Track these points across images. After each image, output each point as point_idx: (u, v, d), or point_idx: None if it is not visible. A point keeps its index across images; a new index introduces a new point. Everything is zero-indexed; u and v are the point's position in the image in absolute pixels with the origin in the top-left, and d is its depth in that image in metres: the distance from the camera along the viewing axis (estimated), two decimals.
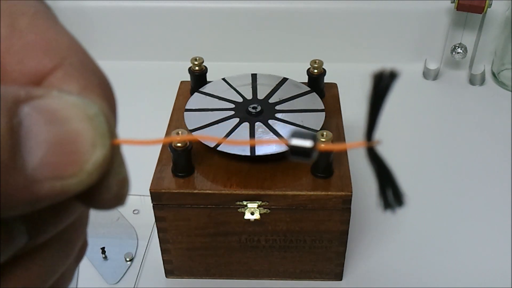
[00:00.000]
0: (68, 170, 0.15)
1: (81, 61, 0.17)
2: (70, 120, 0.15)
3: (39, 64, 0.16)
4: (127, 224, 0.67)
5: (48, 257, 0.18)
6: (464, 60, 0.90)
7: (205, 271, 0.60)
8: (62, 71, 0.16)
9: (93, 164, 0.15)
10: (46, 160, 0.15)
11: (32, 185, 0.14)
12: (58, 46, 0.17)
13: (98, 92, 0.17)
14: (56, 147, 0.15)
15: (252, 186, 0.53)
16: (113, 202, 0.17)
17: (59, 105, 0.15)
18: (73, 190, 0.15)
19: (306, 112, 0.59)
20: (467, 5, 0.81)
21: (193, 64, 0.63)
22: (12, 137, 0.14)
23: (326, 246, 0.57)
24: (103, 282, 0.61)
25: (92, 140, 0.15)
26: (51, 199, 0.15)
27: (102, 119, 0.16)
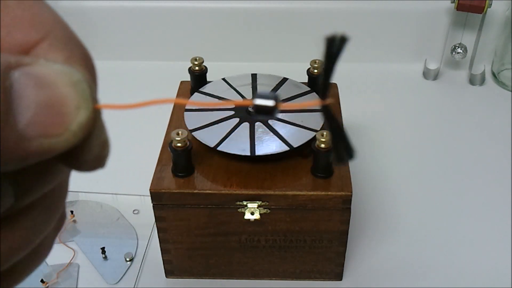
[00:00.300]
0: (55, 129, 0.16)
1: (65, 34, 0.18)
2: (56, 84, 0.16)
3: (26, 36, 0.18)
4: (127, 224, 0.67)
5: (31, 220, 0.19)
6: (464, 60, 0.90)
7: (205, 271, 0.60)
8: (48, 42, 0.18)
9: (77, 124, 0.17)
10: (35, 120, 0.16)
11: (22, 142, 0.16)
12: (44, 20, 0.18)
13: (80, 62, 0.18)
14: (44, 108, 0.16)
15: (252, 186, 0.53)
16: (94, 163, 0.18)
17: (46, 71, 0.16)
18: (59, 148, 0.17)
19: (306, 112, 0.59)
20: (467, 5, 0.81)
21: (193, 64, 0.63)
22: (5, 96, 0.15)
23: (326, 246, 0.57)
24: (103, 282, 0.61)
25: (76, 103, 0.17)
26: (39, 156, 0.16)
27: (85, 85, 0.17)
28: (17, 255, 0.19)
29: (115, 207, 0.69)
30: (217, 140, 0.55)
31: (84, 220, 0.67)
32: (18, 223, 0.19)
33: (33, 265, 0.21)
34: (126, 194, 0.70)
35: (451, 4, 0.84)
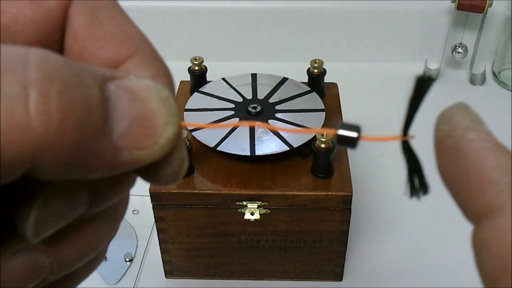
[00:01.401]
0: (145, 142, 0.17)
1: (151, 52, 0.19)
2: (148, 99, 0.17)
3: (117, 52, 0.18)
4: (126, 225, 0.67)
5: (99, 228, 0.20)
6: (465, 60, 0.90)
7: (205, 272, 0.60)
8: (136, 59, 0.19)
9: (165, 138, 0.17)
10: (128, 132, 0.16)
11: (115, 152, 0.16)
12: (133, 37, 0.19)
13: (165, 80, 0.19)
14: (137, 121, 0.17)
15: (252, 186, 0.53)
16: (172, 177, 0.19)
17: (138, 85, 0.17)
18: (146, 160, 0.17)
19: (306, 112, 0.59)
20: (468, 4, 0.81)
21: (193, 64, 0.63)
22: (103, 107, 0.16)
23: (326, 246, 0.57)
24: (102, 283, 0.60)
25: (165, 119, 0.17)
26: (128, 166, 0.17)
27: (172, 102, 0.18)
28: (83, 259, 0.20)
29: None
30: (217, 140, 0.54)
31: None
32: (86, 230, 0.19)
33: (89, 271, 0.22)
34: None
35: (452, 3, 0.84)
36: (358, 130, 0.19)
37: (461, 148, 0.18)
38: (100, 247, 0.20)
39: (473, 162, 0.17)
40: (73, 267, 0.20)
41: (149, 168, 0.18)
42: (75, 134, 0.15)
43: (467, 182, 0.17)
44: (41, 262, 0.18)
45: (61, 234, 0.19)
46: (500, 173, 0.17)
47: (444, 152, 0.19)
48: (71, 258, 0.19)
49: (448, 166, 0.18)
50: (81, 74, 0.15)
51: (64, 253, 0.19)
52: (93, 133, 0.15)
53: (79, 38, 0.18)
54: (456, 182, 0.18)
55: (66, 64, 0.15)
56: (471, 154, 0.17)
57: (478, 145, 0.18)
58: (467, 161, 0.17)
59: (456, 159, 0.18)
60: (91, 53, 0.18)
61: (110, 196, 0.19)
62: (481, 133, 0.18)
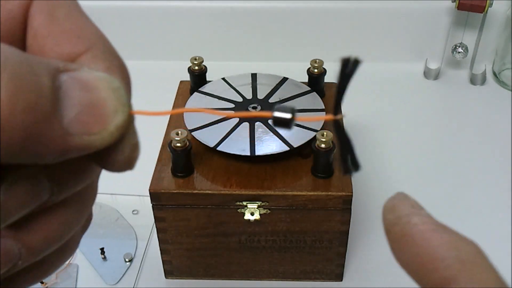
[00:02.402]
0: (95, 128, 0.18)
1: (106, 47, 0.21)
2: (98, 89, 0.18)
3: (73, 47, 0.20)
4: (126, 225, 0.67)
5: (65, 215, 0.21)
6: (465, 59, 0.89)
7: (205, 272, 0.60)
8: (91, 53, 0.20)
9: (114, 125, 0.18)
10: (78, 118, 0.18)
11: (65, 137, 0.18)
12: (89, 33, 0.20)
13: (118, 72, 0.20)
14: (87, 108, 0.18)
15: (252, 186, 0.53)
16: (124, 164, 0.20)
17: (90, 77, 0.18)
18: (96, 145, 0.18)
19: (306, 112, 0.59)
20: (468, 4, 0.81)
21: (193, 63, 0.63)
22: (53, 94, 0.17)
23: (327, 246, 0.57)
24: (102, 283, 0.60)
25: (115, 107, 0.18)
26: (78, 151, 0.18)
27: (123, 92, 0.19)
28: (50, 247, 0.21)
29: (114, 207, 0.69)
30: (216, 140, 0.54)
31: None
32: (52, 217, 0.21)
33: (61, 260, 0.23)
34: (125, 195, 0.70)
35: (452, 3, 0.83)
36: (292, 112, 0.20)
37: (408, 232, 0.20)
38: (68, 235, 0.22)
39: (421, 243, 0.19)
40: (41, 254, 0.21)
41: (102, 154, 0.19)
42: (24, 118, 0.16)
43: (419, 261, 0.19)
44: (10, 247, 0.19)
45: (27, 220, 0.20)
46: (445, 249, 0.19)
47: (394, 238, 0.20)
48: (39, 245, 0.20)
49: (400, 250, 0.20)
50: (33, 64, 0.17)
51: (32, 239, 0.20)
52: (43, 117, 0.17)
53: (39, 35, 0.20)
54: (410, 263, 0.20)
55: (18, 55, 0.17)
56: (417, 237, 0.20)
57: (421, 228, 0.20)
58: (415, 244, 0.20)
59: (405, 243, 0.20)
60: (50, 49, 0.20)
61: (72, 184, 0.21)
62: (422, 217, 0.20)
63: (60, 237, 0.21)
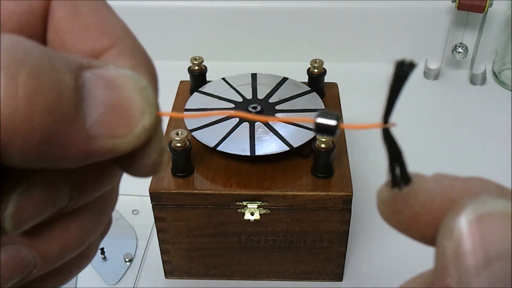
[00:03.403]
0: (120, 130, 0.17)
1: (132, 43, 0.19)
2: (124, 88, 0.17)
3: (97, 43, 0.19)
4: (126, 225, 0.67)
5: (84, 221, 0.20)
6: (465, 59, 0.89)
7: (205, 272, 0.60)
8: (117, 50, 0.19)
9: (141, 127, 0.17)
10: (102, 119, 0.16)
11: (88, 139, 0.16)
12: (114, 28, 0.19)
13: (145, 71, 0.19)
14: (112, 109, 0.17)
15: (252, 186, 0.53)
16: (150, 168, 0.18)
17: (116, 74, 0.17)
18: (122, 149, 0.17)
19: (306, 112, 0.59)
20: (468, 4, 0.81)
21: (193, 63, 0.63)
22: (76, 93, 0.16)
23: (327, 246, 0.57)
24: (102, 283, 0.60)
25: (142, 108, 0.17)
26: (102, 155, 0.17)
27: (150, 91, 0.18)
28: (68, 254, 0.20)
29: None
30: (217, 140, 0.54)
31: None
32: (70, 224, 0.19)
33: (79, 267, 0.22)
34: (125, 195, 0.70)
35: (452, 3, 0.83)
36: (337, 118, 0.19)
37: None
38: (86, 242, 0.20)
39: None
40: (58, 263, 0.19)
41: (127, 158, 0.18)
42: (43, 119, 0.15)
43: None
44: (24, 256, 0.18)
45: (44, 227, 0.19)
46: None
47: None
48: (56, 253, 0.19)
49: None
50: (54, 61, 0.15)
51: (48, 247, 0.19)
52: (64, 119, 0.15)
53: (61, 29, 0.19)
54: None
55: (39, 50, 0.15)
56: None
57: None
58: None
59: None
60: (72, 44, 0.19)
61: (93, 189, 0.19)
62: None
63: (78, 245, 0.20)
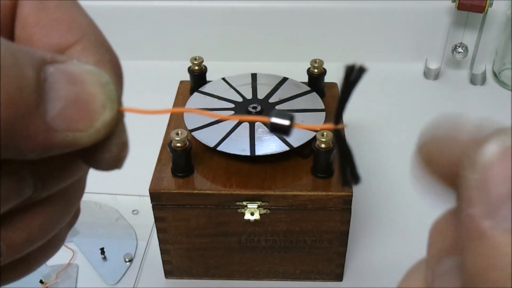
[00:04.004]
0: (80, 124, 0.17)
1: (97, 39, 0.20)
2: (86, 83, 0.17)
3: (63, 38, 0.19)
4: (126, 225, 0.67)
5: (49, 212, 0.20)
6: (465, 59, 0.89)
7: (205, 272, 0.60)
8: (81, 45, 0.19)
9: (102, 122, 0.17)
10: (63, 113, 0.17)
11: (49, 132, 0.17)
12: (79, 24, 0.19)
13: (109, 66, 0.19)
14: (73, 103, 0.17)
15: (252, 186, 0.53)
16: (112, 162, 0.19)
17: (78, 70, 0.17)
18: (82, 143, 0.17)
19: (306, 112, 0.59)
20: (468, 4, 0.81)
21: (193, 63, 0.63)
22: (37, 87, 0.16)
23: (327, 246, 0.57)
24: (102, 283, 0.60)
25: (103, 103, 0.17)
26: (62, 148, 0.17)
27: (112, 87, 0.18)
28: (33, 244, 0.20)
29: (114, 207, 0.68)
30: (217, 140, 0.54)
31: (83, 220, 0.66)
32: (35, 214, 0.20)
33: (45, 256, 0.22)
34: (125, 195, 0.70)
35: (452, 3, 0.83)
36: (291, 118, 0.19)
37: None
38: (51, 232, 0.21)
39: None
40: (23, 252, 0.20)
41: (88, 151, 0.18)
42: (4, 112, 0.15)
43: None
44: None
45: (9, 217, 0.19)
46: None
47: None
48: (21, 243, 0.19)
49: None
50: (16, 55, 0.16)
51: (13, 237, 0.19)
52: (25, 112, 0.16)
53: (27, 24, 0.19)
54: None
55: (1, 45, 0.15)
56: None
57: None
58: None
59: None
60: (38, 39, 0.19)
61: (57, 180, 0.20)
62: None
63: (43, 235, 0.20)
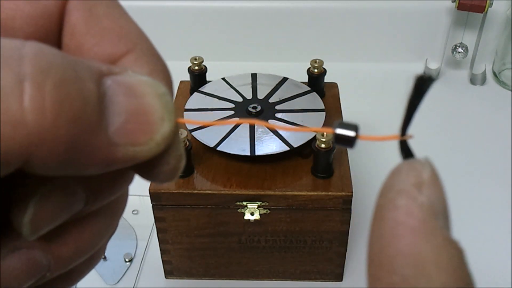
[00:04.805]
0: (141, 138, 0.17)
1: (149, 48, 0.19)
2: (144, 95, 0.17)
3: (114, 48, 0.18)
4: (126, 225, 0.67)
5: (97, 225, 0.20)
6: (465, 59, 0.89)
7: (205, 272, 0.60)
8: (134, 55, 0.18)
9: (161, 135, 0.17)
10: (124, 127, 0.16)
11: (110, 147, 0.16)
12: (130, 33, 0.19)
13: (162, 76, 0.19)
14: (133, 116, 0.16)
15: (252, 186, 0.53)
16: (169, 175, 0.18)
17: (136, 81, 0.17)
18: (142, 157, 0.17)
19: (306, 112, 0.59)
20: (468, 4, 0.81)
21: (193, 63, 0.63)
22: (99, 101, 0.16)
23: (327, 246, 0.57)
24: (102, 283, 0.60)
25: (161, 115, 0.17)
26: (123, 163, 0.17)
27: (169, 98, 0.17)
28: (81, 257, 0.20)
29: None
30: (217, 140, 0.54)
31: None
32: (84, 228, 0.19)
33: (88, 269, 0.22)
34: None
35: (452, 3, 0.83)
36: (356, 129, 0.19)
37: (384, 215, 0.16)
38: (98, 245, 0.20)
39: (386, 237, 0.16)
40: (71, 265, 0.19)
41: (146, 165, 0.18)
42: (69, 129, 0.15)
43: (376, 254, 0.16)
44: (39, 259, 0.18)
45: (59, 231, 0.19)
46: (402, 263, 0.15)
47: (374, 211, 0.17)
48: (69, 256, 0.19)
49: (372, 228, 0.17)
50: (77, 69, 0.15)
51: (62, 251, 0.19)
52: (88, 128, 0.15)
53: (77, 33, 0.18)
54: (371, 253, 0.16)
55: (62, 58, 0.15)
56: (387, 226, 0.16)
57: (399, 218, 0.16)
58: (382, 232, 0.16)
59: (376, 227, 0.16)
60: (88, 49, 0.18)
61: (107, 193, 0.19)
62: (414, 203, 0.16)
63: (91, 248, 0.20)
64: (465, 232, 0.66)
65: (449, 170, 0.75)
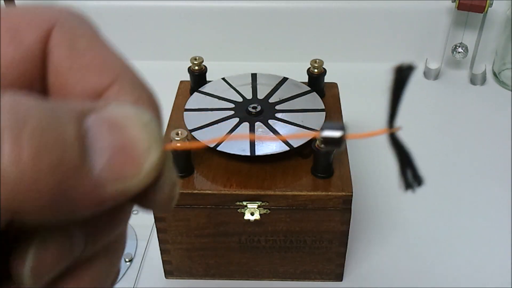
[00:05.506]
0: (128, 171, 0.16)
1: (132, 77, 0.19)
2: (127, 127, 0.17)
3: (98, 81, 0.18)
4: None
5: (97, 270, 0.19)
6: (465, 59, 0.89)
7: (205, 272, 0.60)
8: (118, 86, 0.18)
9: (149, 164, 0.17)
10: (110, 163, 0.16)
11: (98, 188, 0.16)
12: (113, 64, 0.19)
13: (148, 104, 0.19)
14: (118, 151, 0.16)
15: (252, 186, 0.53)
16: (165, 203, 0.18)
17: (118, 114, 0.17)
18: (133, 190, 0.17)
19: (306, 112, 0.59)
20: (468, 4, 0.81)
21: (193, 63, 0.63)
22: (80, 144, 0.15)
23: (327, 246, 0.57)
24: None
25: (147, 144, 0.17)
26: (115, 200, 0.16)
27: (154, 125, 0.17)
28: None
29: None
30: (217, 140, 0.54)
31: None
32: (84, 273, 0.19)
33: None
34: None
35: (452, 3, 0.83)
36: (343, 130, 0.18)
37: None
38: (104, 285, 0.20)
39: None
40: None
41: (141, 196, 0.18)
42: (51, 177, 0.15)
43: None
44: None
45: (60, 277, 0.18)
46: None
47: None
48: None
49: None
50: (55, 114, 0.15)
51: None
52: (71, 173, 0.15)
53: (60, 71, 0.19)
54: None
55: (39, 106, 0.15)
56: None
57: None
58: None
59: None
60: (73, 86, 0.18)
61: (107, 232, 0.19)
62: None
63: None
64: (465, 232, 0.67)
65: (449, 170, 0.75)
